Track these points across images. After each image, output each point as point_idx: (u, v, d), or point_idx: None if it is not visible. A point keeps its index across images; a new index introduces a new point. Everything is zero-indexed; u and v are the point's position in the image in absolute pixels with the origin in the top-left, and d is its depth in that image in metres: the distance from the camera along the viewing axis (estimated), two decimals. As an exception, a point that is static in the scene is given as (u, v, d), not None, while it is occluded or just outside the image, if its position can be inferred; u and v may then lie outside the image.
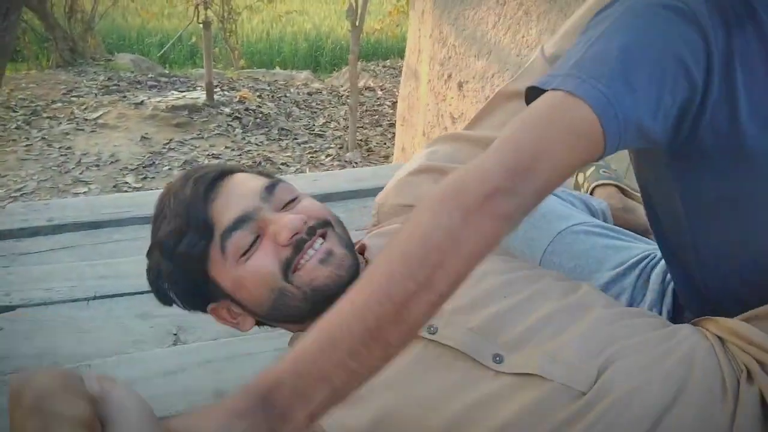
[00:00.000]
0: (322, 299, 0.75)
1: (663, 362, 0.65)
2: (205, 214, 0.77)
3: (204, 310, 0.84)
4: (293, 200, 0.81)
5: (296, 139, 5.00)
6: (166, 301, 0.86)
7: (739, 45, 0.63)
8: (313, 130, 5.21)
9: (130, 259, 1.32)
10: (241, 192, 0.79)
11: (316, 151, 4.74)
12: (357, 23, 4.34)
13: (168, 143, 4.64)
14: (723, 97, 0.63)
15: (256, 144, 4.84)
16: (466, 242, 0.53)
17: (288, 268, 0.76)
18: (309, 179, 1.78)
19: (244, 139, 4.91)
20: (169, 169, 4.21)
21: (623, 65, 0.60)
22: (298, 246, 0.76)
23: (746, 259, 0.71)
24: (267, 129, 5.13)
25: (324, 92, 6.29)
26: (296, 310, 0.78)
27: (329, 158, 4.55)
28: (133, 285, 1.21)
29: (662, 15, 0.62)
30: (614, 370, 0.64)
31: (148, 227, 1.44)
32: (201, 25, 5.27)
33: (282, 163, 4.45)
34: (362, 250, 0.88)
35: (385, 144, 4.92)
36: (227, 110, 5.32)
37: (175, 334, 1.11)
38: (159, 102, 5.27)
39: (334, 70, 8.71)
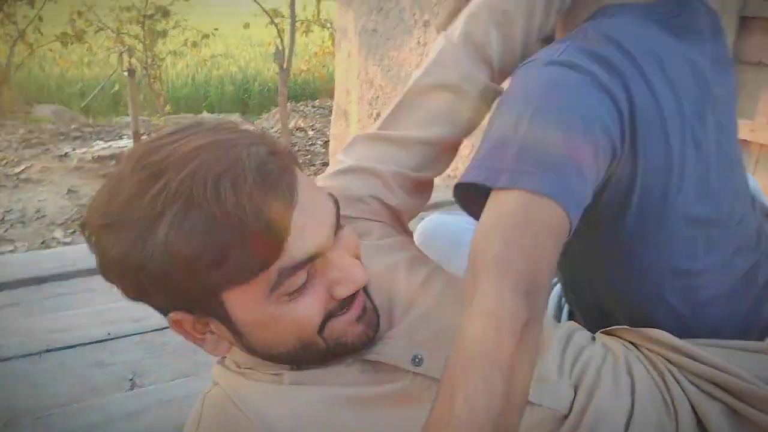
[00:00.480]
0: (340, 352, 0.67)
1: (615, 372, 0.70)
2: (279, 234, 0.57)
3: (164, 313, 0.63)
4: (348, 242, 0.67)
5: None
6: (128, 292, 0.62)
7: (639, 105, 0.67)
8: None
9: (77, 312, 1.33)
10: (319, 215, 0.62)
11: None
12: (285, 65, 4.43)
13: (91, 195, 4.55)
14: (627, 156, 0.68)
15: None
16: (520, 384, 0.54)
17: (327, 320, 0.64)
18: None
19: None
20: (99, 220, 4.13)
21: (568, 151, 0.62)
22: (346, 300, 0.65)
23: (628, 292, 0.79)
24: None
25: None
26: (308, 358, 0.67)
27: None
28: (83, 336, 1.23)
29: (581, 87, 0.65)
30: (586, 389, 0.67)
31: (91, 279, 1.47)
32: (126, 73, 5.25)
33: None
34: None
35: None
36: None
37: (131, 379, 1.13)
38: (84, 153, 5.17)
39: (264, 111, 8.77)
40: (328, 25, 8.80)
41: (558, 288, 0.98)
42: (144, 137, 5.48)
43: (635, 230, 0.73)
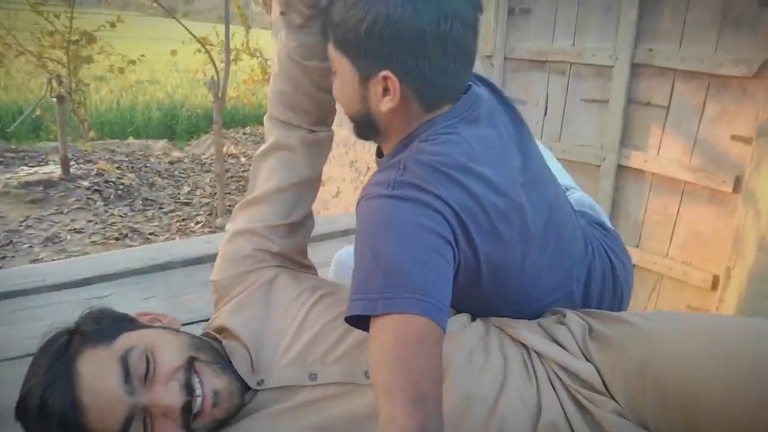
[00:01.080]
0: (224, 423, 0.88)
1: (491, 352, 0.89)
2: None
3: None
4: (148, 360, 0.85)
5: (162, 208, 5.03)
6: None
7: (461, 208, 0.84)
8: (179, 199, 5.26)
9: (39, 325, 1.44)
10: (106, 394, 0.82)
11: (184, 219, 4.81)
12: (219, 95, 4.55)
13: (25, 220, 4.48)
14: (465, 246, 0.85)
15: (120, 216, 4.81)
16: None
17: (185, 425, 0.84)
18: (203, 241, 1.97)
19: (107, 211, 4.86)
20: (30, 246, 4.08)
21: (423, 271, 0.77)
22: (186, 407, 0.84)
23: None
24: (130, 200, 5.11)
25: (186, 161, 6.36)
26: None
27: (199, 225, 4.64)
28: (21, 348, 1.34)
29: (412, 213, 0.81)
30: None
31: (59, 293, 1.57)
32: (54, 99, 5.20)
33: (150, 233, 4.46)
34: (221, 331, 1.01)
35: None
36: (86, 183, 5.23)
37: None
38: (9, 179, 5.06)
39: (192, 138, 8.76)
40: (258, 54, 8.96)
41: None
42: (71, 162, 5.42)
43: (491, 287, 0.93)
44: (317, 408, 0.88)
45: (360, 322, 0.80)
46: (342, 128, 3.10)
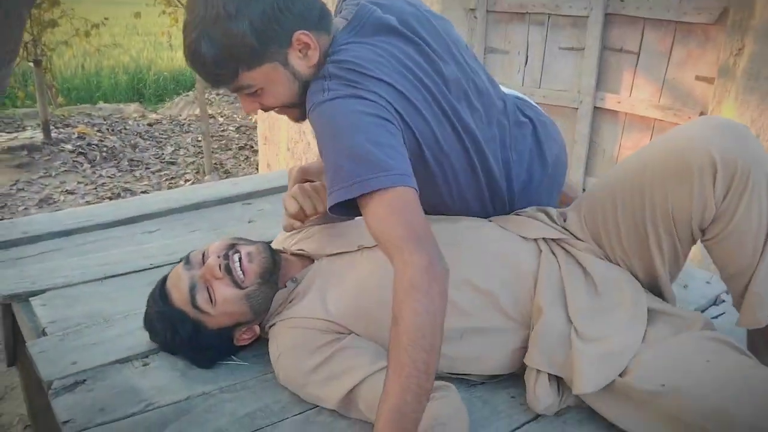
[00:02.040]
0: (268, 278, 1.15)
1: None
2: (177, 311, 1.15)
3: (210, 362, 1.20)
4: (202, 254, 1.18)
5: (149, 168, 5.12)
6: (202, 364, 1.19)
7: (390, 98, 1.01)
8: (164, 159, 5.35)
9: (112, 252, 1.62)
10: (176, 276, 1.17)
11: (172, 178, 4.92)
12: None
13: (14, 184, 4.54)
14: (404, 128, 1.03)
15: (108, 177, 4.89)
16: (439, 304, 0.90)
17: (236, 284, 1.13)
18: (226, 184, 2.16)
19: (94, 173, 4.93)
20: (25, 208, 4.16)
21: (382, 149, 0.94)
22: (227, 269, 1.13)
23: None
24: (116, 161, 5.18)
25: (164, 122, 6.41)
26: (264, 295, 1.16)
27: (188, 183, 4.76)
28: (131, 266, 1.53)
29: (356, 107, 0.98)
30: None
31: (110, 231, 1.74)
32: (32, 63, 5.19)
33: (142, 192, 4.58)
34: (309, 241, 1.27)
35: (239, 165, 5.23)
36: (69, 147, 5.27)
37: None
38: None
39: (159, 101, 8.72)
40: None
41: None
42: (51, 127, 5.44)
43: (433, 162, 1.13)
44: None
45: (344, 210, 0.99)
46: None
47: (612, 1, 2.60)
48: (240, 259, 1.14)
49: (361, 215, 0.98)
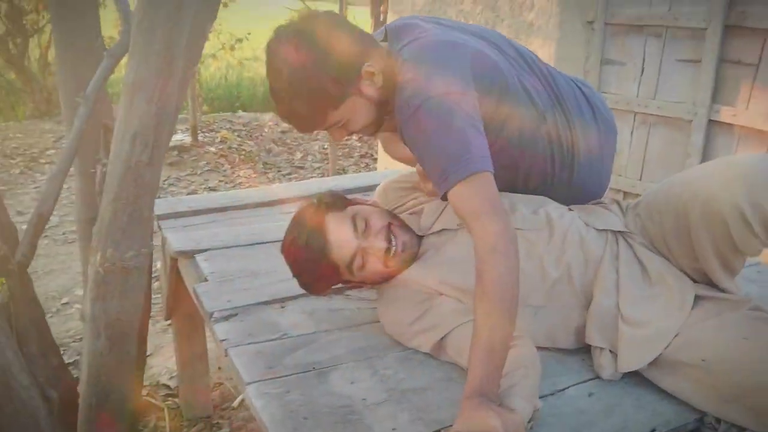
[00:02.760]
0: (406, 266, 1.34)
1: None
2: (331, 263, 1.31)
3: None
4: (365, 223, 1.31)
5: (280, 171, 5.62)
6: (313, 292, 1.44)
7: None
8: (294, 163, 5.84)
9: (258, 226, 1.95)
10: (343, 239, 1.29)
11: (300, 180, 5.37)
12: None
13: (166, 179, 5.17)
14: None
15: (245, 177, 5.43)
16: (515, 261, 1.07)
17: (385, 263, 1.31)
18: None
19: (233, 173, 5.49)
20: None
21: (469, 144, 1.12)
22: (387, 250, 1.30)
23: None
24: (252, 164, 5.73)
25: (295, 131, 6.96)
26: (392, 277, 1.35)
27: (314, 184, 5.20)
28: (270, 237, 1.84)
29: (448, 107, 1.14)
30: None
31: (260, 209, 2.06)
32: (187, 74, 5.84)
33: (274, 191, 5.06)
34: (416, 215, 1.47)
35: (360, 171, 5.60)
36: (213, 149, 5.90)
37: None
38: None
39: (292, 111, 9.40)
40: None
41: None
42: (198, 132, 6.11)
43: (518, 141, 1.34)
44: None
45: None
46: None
47: (733, 12, 2.62)
48: (396, 244, 1.32)
49: None
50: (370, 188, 2.33)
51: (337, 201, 1.38)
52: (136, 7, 1.41)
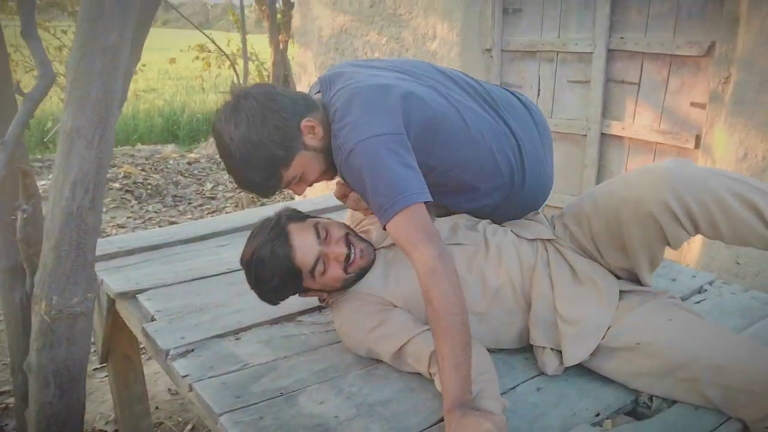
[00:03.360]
0: (363, 273, 1.43)
1: None
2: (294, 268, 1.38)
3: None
4: (326, 231, 1.41)
5: (191, 203, 5.53)
6: (272, 301, 1.46)
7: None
8: (205, 194, 5.76)
9: (194, 261, 1.96)
10: (307, 245, 1.37)
11: (214, 211, 5.30)
12: (240, 97, 5.04)
13: (71, 219, 4.94)
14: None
15: (155, 212, 5.29)
16: (455, 278, 1.19)
17: (344, 269, 1.40)
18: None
19: (141, 208, 5.34)
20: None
21: (401, 178, 1.23)
22: (347, 258, 1.40)
23: None
24: (161, 197, 5.60)
25: (202, 161, 6.85)
26: (354, 281, 1.44)
27: (229, 214, 5.15)
28: (209, 271, 1.86)
29: (381, 146, 1.24)
30: None
31: (192, 245, 2.07)
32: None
33: (186, 224, 4.96)
34: (369, 233, 1.57)
35: (275, 199, 5.61)
36: (116, 185, 5.71)
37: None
38: (44, 184, 5.52)
39: (194, 142, 9.24)
40: (254, 57, 9.45)
41: None
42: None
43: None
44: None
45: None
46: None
47: (613, 38, 2.93)
48: (356, 252, 1.42)
49: None
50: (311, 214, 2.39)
51: (297, 213, 1.48)
52: (72, 57, 1.42)
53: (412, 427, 1.16)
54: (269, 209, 2.69)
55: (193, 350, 1.43)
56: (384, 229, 1.28)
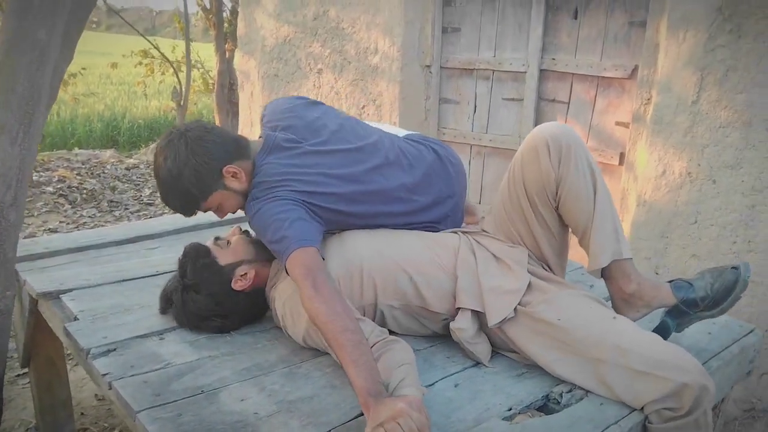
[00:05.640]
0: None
1: None
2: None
3: None
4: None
5: (128, 208, 5.40)
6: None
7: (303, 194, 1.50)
8: (142, 200, 5.64)
9: (123, 263, 1.94)
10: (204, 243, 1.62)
11: (151, 217, 5.20)
12: (182, 103, 4.99)
13: (-2, 223, 4.75)
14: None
15: (89, 217, 5.15)
16: (335, 300, 1.30)
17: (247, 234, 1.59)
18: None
19: (75, 213, 5.19)
20: (11, 244, 4.38)
21: (291, 229, 1.40)
22: (241, 231, 1.59)
23: None
24: (96, 202, 5.45)
25: (141, 166, 6.71)
26: (261, 245, 1.55)
27: (166, 222, 5.05)
28: (137, 273, 1.85)
29: (278, 205, 1.46)
30: None
31: (121, 247, 2.05)
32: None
33: (122, 230, 4.84)
34: None
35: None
36: (50, 189, 5.53)
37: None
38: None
39: (133, 148, 9.03)
40: (199, 65, 9.34)
41: None
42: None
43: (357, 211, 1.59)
44: None
45: None
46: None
47: (545, 59, 3.07)
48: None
49: None
50: (239, 220, 2.39)
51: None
52: (-4, 50, 1.39)
53: (331, 421, 1.19)
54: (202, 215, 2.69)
55: (115, 349, 1.42)
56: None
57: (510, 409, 1.26)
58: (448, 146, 1.79)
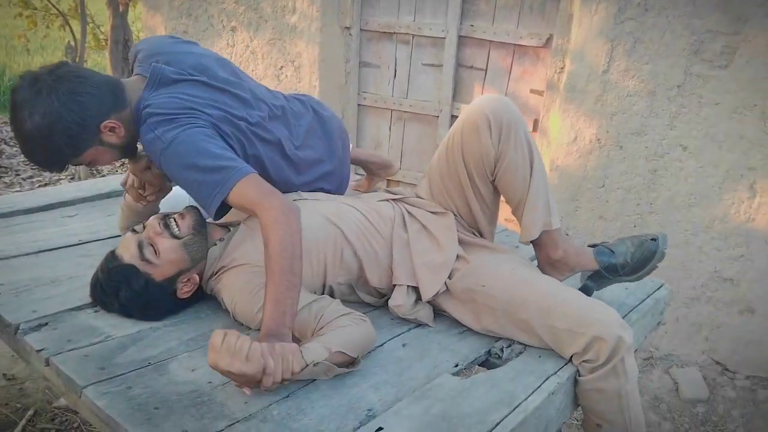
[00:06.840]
0: (199, 228, 1.45)
1: None
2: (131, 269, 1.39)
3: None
4: (142, 226, 1.45)
5: (19, 174, 5.01)
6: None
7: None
8: (35, 165, 5.24)
9: (39, 232, 1.81)
10: (124, 244, 1.41)
11: (46, 184, 4.85)
12: (78, 59, 4.65)
13: None
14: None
15: (-26, 183, 4.73)
16: (296, 226, 1.28)
17: (174, 236, 1.41)
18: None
19: (-42, 179, 4.75)
20: None
21: (222, 159, 1.33)
22: (165, 225, 1.41)
23: None
24: (-19, 168, 5.01)
25: (30, 129, 6.21)
26: (198, 244, 1.44)
27: (65, 188, 4.73)
28: (59, 243, 1.74)
29: (196, 138, 1.35)
30: None
31: (36, 215, 1.91)
32: None
33: (14, 197, 4.49)
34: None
35: (116, 171, 5.25)
36: (-74, 153, 5.01)
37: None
38: None
39: (17, 108, 8.31)
40: (90, 20, 8.66)
41: None
42: None
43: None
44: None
45: (218, 212, 1.37)
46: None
47: (464, 25, 3.12)
48: (174, 218, 1.44)
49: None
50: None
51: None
52: None
53: (286, 388, 1.19)
54: (113, 179, 2.55)
55: (47, 324, 1.34)
56: (215, 217, 1.37)
57: (456, 365, 1.32)
58: (324, 104, 1.83)
